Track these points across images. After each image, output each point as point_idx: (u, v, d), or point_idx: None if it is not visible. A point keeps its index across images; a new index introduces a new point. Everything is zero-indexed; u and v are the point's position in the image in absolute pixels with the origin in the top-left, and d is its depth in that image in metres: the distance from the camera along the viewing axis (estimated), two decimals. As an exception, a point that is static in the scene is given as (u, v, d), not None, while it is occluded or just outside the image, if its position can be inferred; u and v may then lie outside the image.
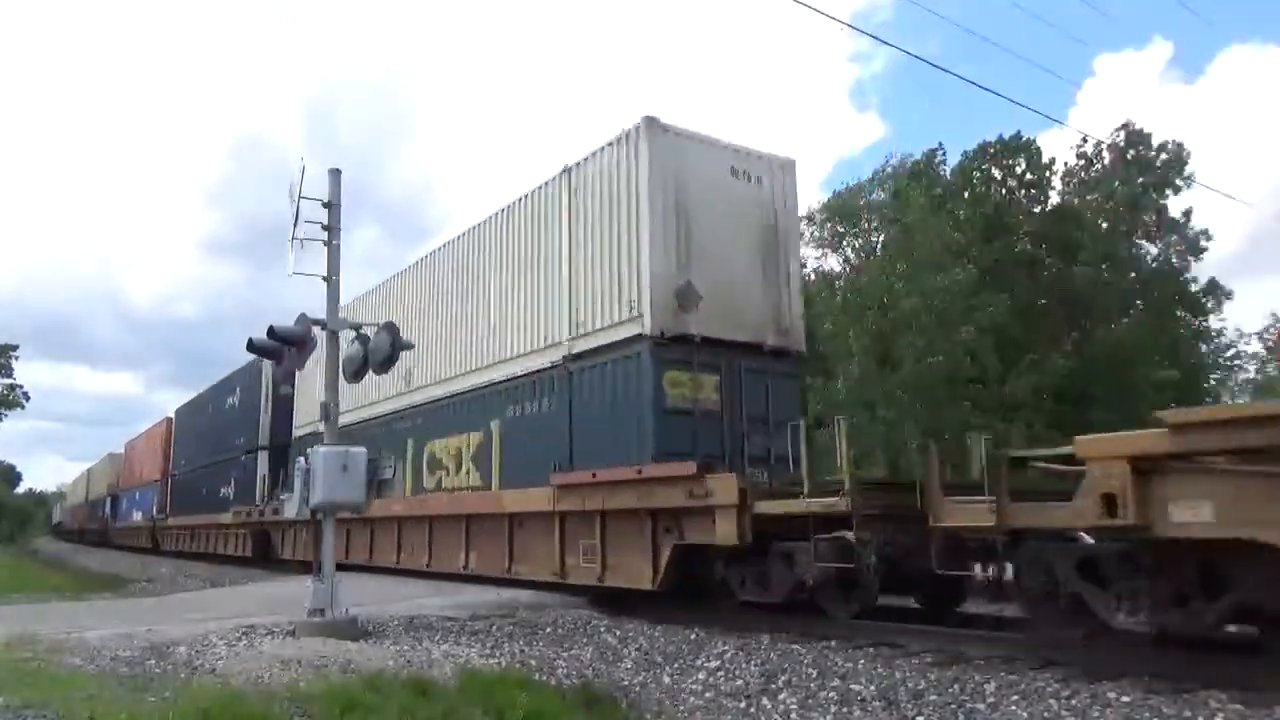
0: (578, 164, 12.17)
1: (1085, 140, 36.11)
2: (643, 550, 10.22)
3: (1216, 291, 35.40)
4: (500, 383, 13.38)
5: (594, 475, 10.65)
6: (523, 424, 12.81)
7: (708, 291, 10.90)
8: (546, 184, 12.85)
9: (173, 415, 34.65)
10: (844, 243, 39.18)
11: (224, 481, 25.34)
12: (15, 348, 61.30)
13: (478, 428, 13.86)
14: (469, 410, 14.27)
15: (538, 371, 12.53)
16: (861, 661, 7.31)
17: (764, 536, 8.88)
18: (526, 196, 13.36)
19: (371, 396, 17.35)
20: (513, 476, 12.79)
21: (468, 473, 14.10)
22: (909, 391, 28.17)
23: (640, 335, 10.59)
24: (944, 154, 36.05)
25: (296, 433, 21.54)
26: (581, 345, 11.66)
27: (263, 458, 22.92)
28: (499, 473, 13.24)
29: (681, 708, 6.84)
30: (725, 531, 9.00)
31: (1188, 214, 35.04)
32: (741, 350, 11.19)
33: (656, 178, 10.79)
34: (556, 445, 11.83)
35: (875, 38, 48.46)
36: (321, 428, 10.25)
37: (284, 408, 22.29)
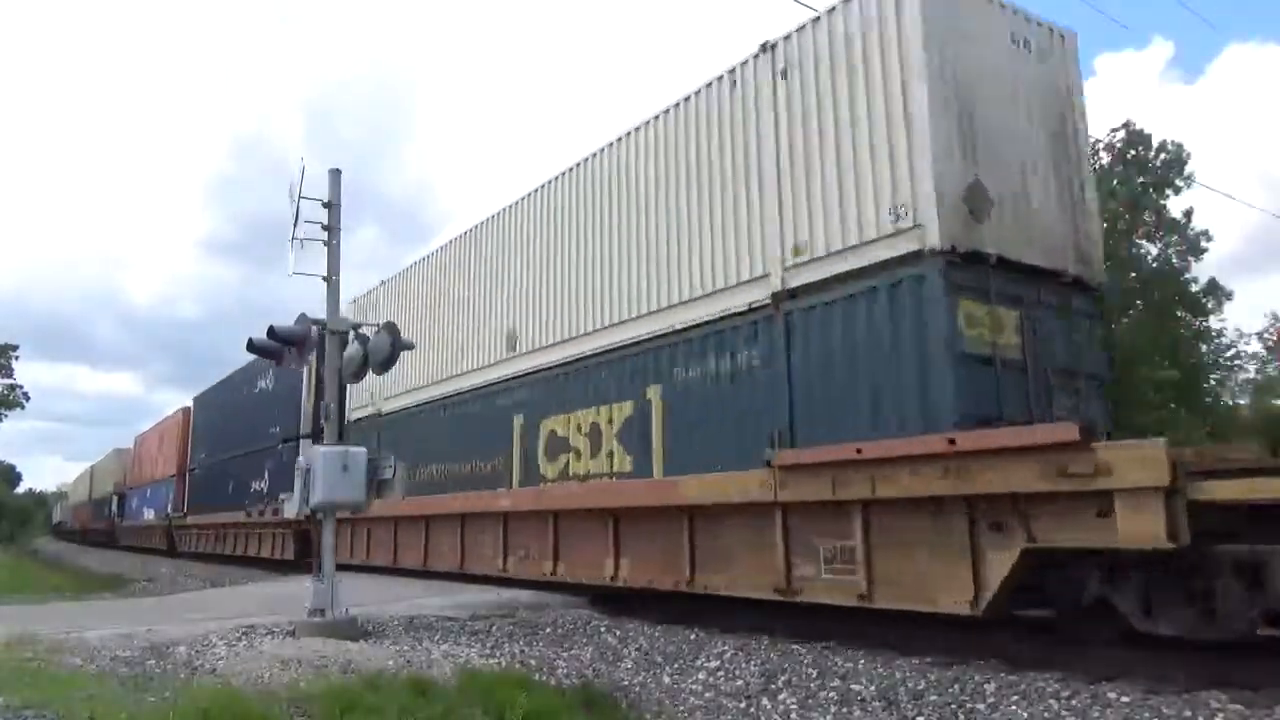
0: (787, 36, 9.44)
1: None
2: (952, 556, 7.09)
3: (1217, 292, 35.45)
4: (663, 336, 10.49)
5: (859, 450, 7.63)
6: (700, 389, 9.93)
7: (998, 197, 8.23)
8: (737, 68, 10.03)
9: (190, 404, 32.14)
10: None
11: (255, 475, 23.03)
12: (15, 348, 61.53)
13: (626, 397, 10.98)
14: (611, 375, 11.30)
15: (728, 317, 9.65)
16: (861, 661, 7.32)
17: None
18: (701, 91, 10.51)
19: (454, 368, 15.00)
20: (684, 458, 9.98)
21: (611, 455, 11.15)
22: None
23: (920, 252, 7.78)
24: None
25: (351, 415, 17.35)
26: (806, 275, 8.82)
27: (305, 447, 19.09)
28: (662, 454, 10.35)
29: (681, 708, 6.84)
30: (1136, 529, 5.91)
31: (1188, 214, 35.12)
32: (1040, 279, 8.52)
33: (932, 37, 8.11)
34: (762, 414, 9.06)
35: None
36: (380, 407, 10.01)
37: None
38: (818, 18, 9.22)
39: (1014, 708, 5.80)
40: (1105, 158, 36.56)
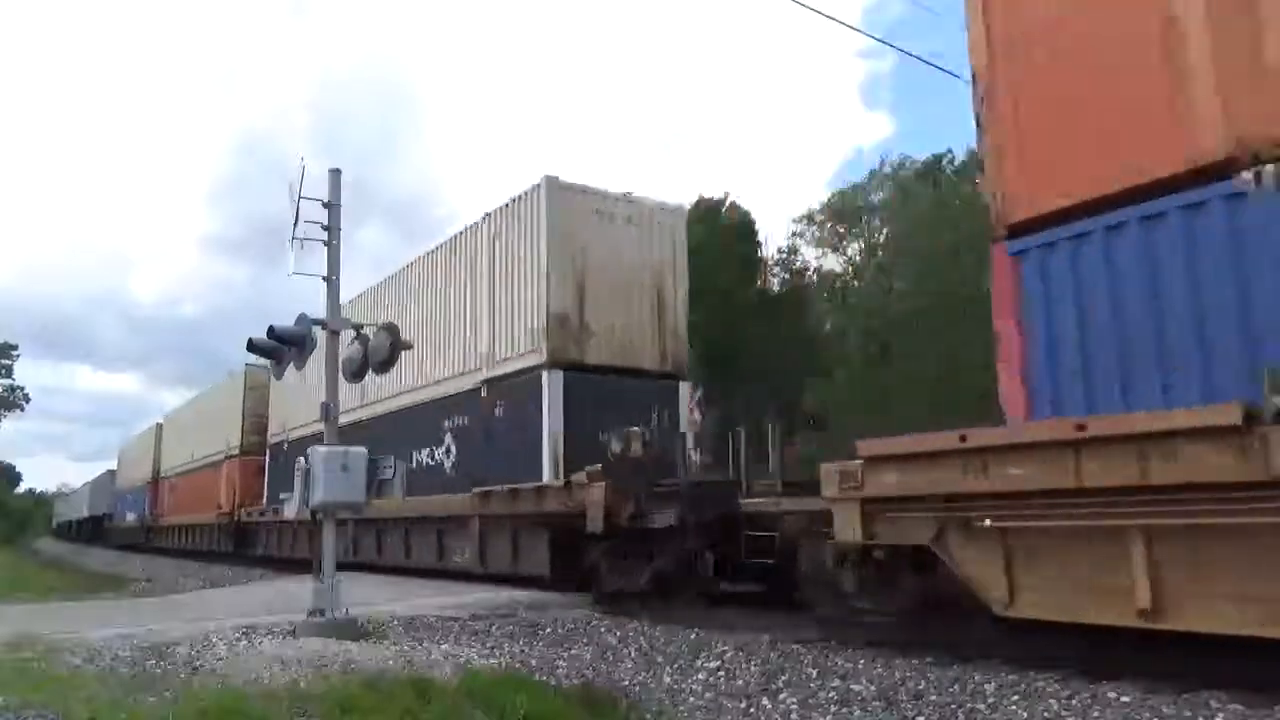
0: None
1: None
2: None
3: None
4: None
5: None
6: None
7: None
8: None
9: None
10: (844, 243, 39.30)
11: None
12: (15, 348, 61.67)
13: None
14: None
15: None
16: (861, 661, 7.31)
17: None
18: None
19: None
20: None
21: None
22: (907, 390, 28.26)
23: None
24: (953, 156, 36.08)
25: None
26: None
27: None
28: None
29: (682, 708, 6.84)
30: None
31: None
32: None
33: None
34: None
35: (878, 38, 48.41)
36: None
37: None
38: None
39: (1014, 708, 5.80)
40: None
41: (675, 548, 10.28)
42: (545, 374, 12.47)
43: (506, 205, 13.77)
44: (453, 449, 14.94)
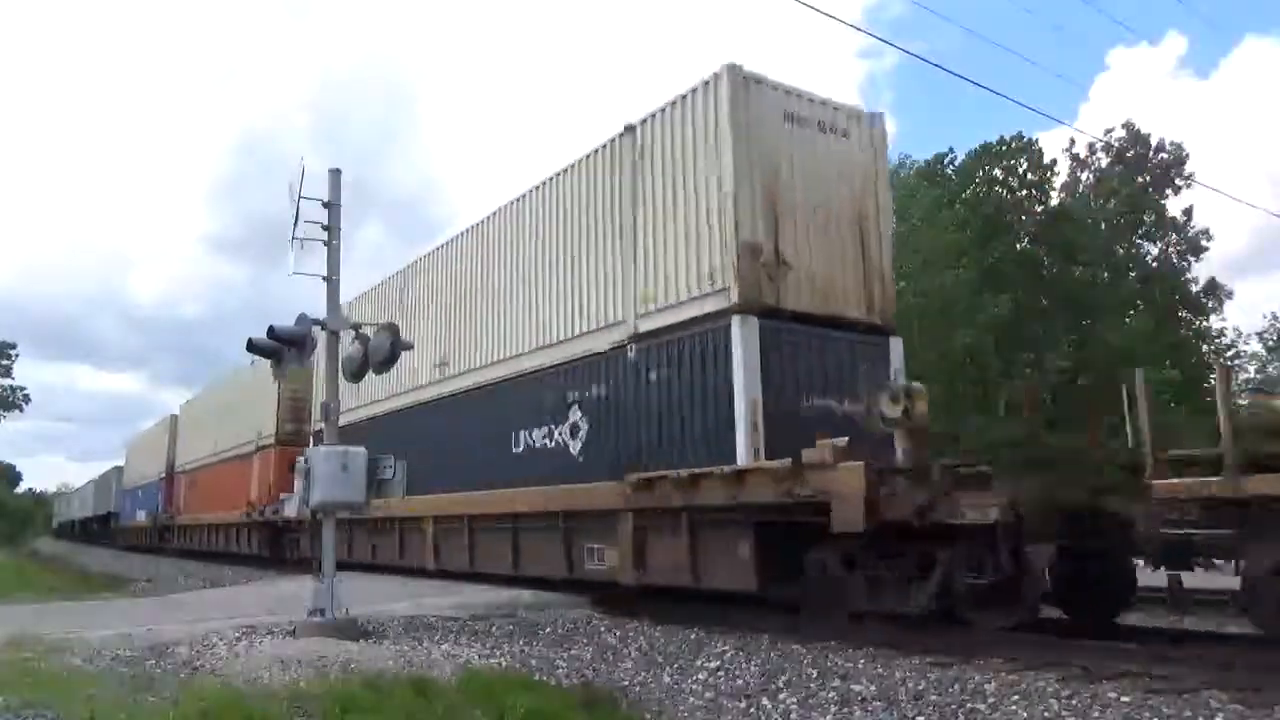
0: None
1: (1073, 143, 36.35)
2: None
3: (1216, 291, 35.49)
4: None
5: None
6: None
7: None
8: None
9: None
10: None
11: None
12: (13, 346, 61.61)
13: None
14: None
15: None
16: (861, 661, 7.32)
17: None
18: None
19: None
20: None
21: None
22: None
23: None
24: (954, 156, 36.10)
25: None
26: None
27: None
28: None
29: (682, 708, 6.85)
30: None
31: (1188, 213, 35.15)
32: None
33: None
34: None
35: (877, 37, 48.51)
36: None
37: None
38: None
39: (1014, 708, 5.81)
40: (1104, 158, 36.69)
41: (992, 552, 7.19)
42: (736, 321, 9.26)
43: (665, 109, 10.56)
44: (582, 427, 11.54)
